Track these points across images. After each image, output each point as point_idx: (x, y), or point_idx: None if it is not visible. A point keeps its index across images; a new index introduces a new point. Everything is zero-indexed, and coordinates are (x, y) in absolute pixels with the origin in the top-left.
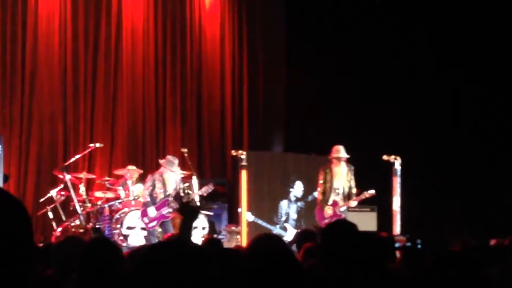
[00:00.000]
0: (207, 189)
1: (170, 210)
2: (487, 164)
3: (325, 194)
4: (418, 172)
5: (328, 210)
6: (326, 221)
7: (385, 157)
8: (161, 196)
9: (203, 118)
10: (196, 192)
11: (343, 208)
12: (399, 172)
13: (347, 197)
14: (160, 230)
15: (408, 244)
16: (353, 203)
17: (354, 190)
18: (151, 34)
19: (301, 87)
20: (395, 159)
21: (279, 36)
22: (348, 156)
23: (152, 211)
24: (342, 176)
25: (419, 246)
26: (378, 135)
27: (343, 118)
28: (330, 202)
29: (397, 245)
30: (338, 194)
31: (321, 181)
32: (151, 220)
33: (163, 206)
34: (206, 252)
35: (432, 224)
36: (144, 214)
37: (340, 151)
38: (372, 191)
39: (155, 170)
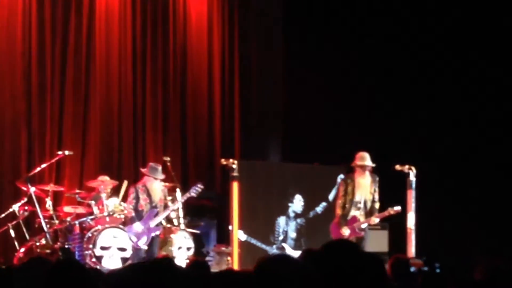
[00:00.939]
0: (195, 189)
1: (157, 221)
2: None
3: (345, 208)
4: (434, 184)
5: (345, 232)
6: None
7: (398, 167)
8: (147, 208)
9: (188, 121)
10: (181, 199)
11: (364, 225)
12: (414, 185)
13: (369, 212)
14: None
15: (425, 268)
16: (375, 220)
17: (377, 205)
18: (129, 23)
19: (302, 85)
20: (410, 169)
21: (276, 26)
22: (374, 165)
23: (138, 227)
24: (365, 188)
25: (438, 271)
26: (390, 142)
27: (351, 122)
28: (349, 217)
29: (412, 269)
30: (359, 208)
31: (341, 194)
32: (140, 237)
33: (150, 218)
34: (191, 276)
35: (452, 245)
36: (130, 231)
37: (366, 159)
38: (398, 208)
39: (132, 181)
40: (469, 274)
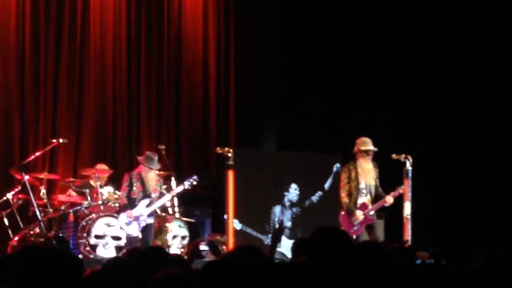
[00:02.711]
0: (190, 181)
1: (149, 210)
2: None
3: (351, 195)
4: (429, 173)
5: (360, 216)
6: (356, 228)
7: (394, 156)
8: (139, 196)
9: (183, 109)
10: (176, 189)
11: (373, 212)
12: (410, 174)
13: (376, 198)
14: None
15: (431, 261)
16: (390, 199)
17: (380, 190)
18: (123, 11)
19: (298, 74)
20: (406, 158)
21: (271, 15)
22: (376, 150)
23: (129, 215)
24: (370, 173)
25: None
26: (386, 130)
27: (346, 111)
28: (358, 205)
29: (418, 261)
30: (366, 194)
31: (345, 181)
32: (131, 226)
33: (143, 208)
34: None
35: (448, 234)
36: (121, 219)
37: (368, 143)
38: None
39: (127, 169)
40: (467, 263)
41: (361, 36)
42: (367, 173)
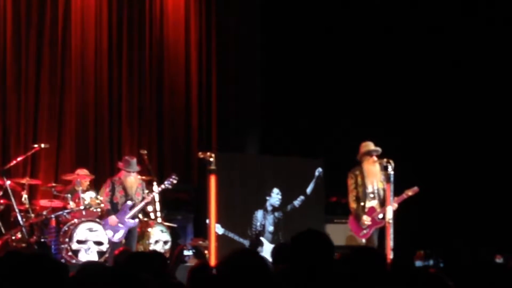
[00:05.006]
0: (170, 181)
1: (132, 214)
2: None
3: (359, 201)
4: (412, 177)
5: (366, 221)
6: (365, 231)
7: (376, 160)
8: (121, 201)
9: (165, 114)
10: (156, 190)
11: (381, 215)
12: (392, 178)
13: (384, 201)
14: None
15: (430, 262)
16: (394, 205)
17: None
18: (105, 15)
19: (281, 78)
20: (388, 162)
21: (253, 18)
22: (380, 149)
23: (113, 220)
24: (376, 175)
25: (441, 265)
26: (369, 135)
27: (330, 114)
28: (366, 209)
29: (419, 264)
30: (374, 198)
31: (351, 187)
32: (116, 231)
33: (125, 211)
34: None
35: (431, 237)
36: (106, 225)
37: (370, 145)
38: (415, 188)
39: (108, 174)
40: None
41: (344, 42)
42: (373, 176)
